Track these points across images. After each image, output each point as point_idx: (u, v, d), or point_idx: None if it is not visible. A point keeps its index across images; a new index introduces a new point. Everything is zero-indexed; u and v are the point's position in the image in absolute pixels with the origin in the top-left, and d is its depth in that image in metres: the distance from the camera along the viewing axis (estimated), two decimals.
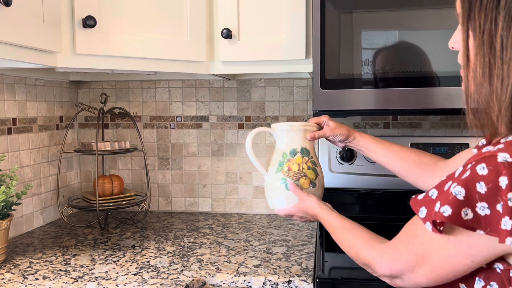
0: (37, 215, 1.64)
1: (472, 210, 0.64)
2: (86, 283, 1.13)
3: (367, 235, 0.88)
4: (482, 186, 0.63)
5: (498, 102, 0.67)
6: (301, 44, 1.40)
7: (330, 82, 1.29)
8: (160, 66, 1.38)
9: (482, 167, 0.64)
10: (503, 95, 0.66)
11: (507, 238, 0.61)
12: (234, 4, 1.42)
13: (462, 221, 0.64)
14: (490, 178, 0.63)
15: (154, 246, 1.42)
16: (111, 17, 1.27)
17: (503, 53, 0.66)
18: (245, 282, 1.16)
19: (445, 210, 0.66)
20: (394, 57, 1.28)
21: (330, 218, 0.98)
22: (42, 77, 1.66)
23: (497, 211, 0.62)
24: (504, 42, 0.66)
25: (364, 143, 1.14)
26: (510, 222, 0.61)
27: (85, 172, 1.93)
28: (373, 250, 0.83)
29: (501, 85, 0.66)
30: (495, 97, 0.67)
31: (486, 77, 0.68)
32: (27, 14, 1.06)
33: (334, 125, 1.14)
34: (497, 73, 0.67)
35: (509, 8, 0.65)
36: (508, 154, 0.63)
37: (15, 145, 1.53)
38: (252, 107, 1.81)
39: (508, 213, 0.61)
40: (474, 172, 0.64)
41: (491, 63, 0.67)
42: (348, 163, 1.61)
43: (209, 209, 1.87)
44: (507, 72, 0.66)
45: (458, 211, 0.65)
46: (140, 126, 1.88)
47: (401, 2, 1.25)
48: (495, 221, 0.62)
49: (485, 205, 0.63)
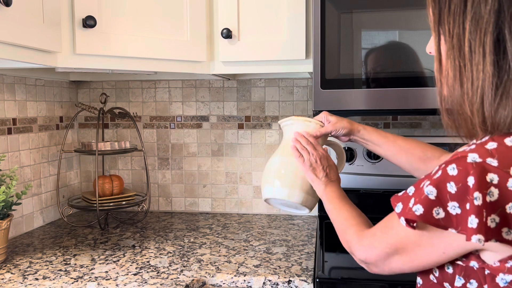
0: (37, 215, 1.64)
1: (444, 209, 0.66)
2: (86, 283, 1.13)
3: (358, 219, 0.90)
4: (453, 186, 0.65)
5: (470, 104, 0.68)
6: (301, 44, 1.40)
7: (330, 82, 1.29)
8: (160, 66, 1.38)
9: (452, 167, 0.66)
10: (474, 97, 0.68)
11: (472, 236, 0.63)
12: (234, 4, 1.42)
13: (433, 220, 0.67)
14: (459, 178, 0.65)
15: (154, 246, 1.42)
16: (111, 17, 1.27)
17: (472, 56, 0.68)
18: (245, 282, 1.16)
19: (417, 209, 0.68)
20: (394, 57, 1.28)
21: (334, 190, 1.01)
22: (42, 77, 1.66)
23: (467, 210, 0.64)
24: (472, 45, 0.67)
25: (368, 136, 1.12)
26: (476, 220, 0.62)
27: (85, 172, 1.93)
28: (355, 234, 0.86)
29: (471, 87, 0.68)
30: (466, 99, 0.69)
31: (457, 80, 0.70)
32: (27, 14, 1.06)
33: (335, 120, 1.12)
34: (467, 76, 0.68)
35: (475, 13, 0.67)
36: (477, 154, 0.65)
37: (15, 145, 1.53)
38: (252, 107, 1.81)
39: (474, 212, 0.63)
40: (445, 172, 0.67)
41: (461, 66, 0.69)
42: (348, 163, 1.61)
43: (209, 209, 1.87)
44: (476, 74, 0.67)
45: (429, 210, 0.67)
46: (140, 126, 1.88)
47: (401, 2, 1.25)
48: (465, 220, 0.64)
49: (456, 204, 0.65)
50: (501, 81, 0.66)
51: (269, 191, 1.11)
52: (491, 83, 0.66)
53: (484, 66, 0.66)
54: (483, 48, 0.66)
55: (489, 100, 0.67)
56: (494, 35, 0.66)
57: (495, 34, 0.66)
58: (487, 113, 0.67)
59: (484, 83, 0.67)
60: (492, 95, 0.66)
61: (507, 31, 0.66)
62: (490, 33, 0.66)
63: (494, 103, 0.67)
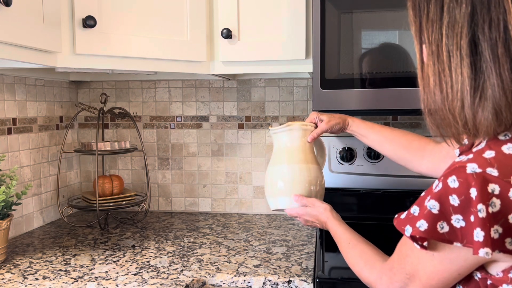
0: (37, 215, 1.64)
1: (448, 223, 0.65)
2: (86, 283, 1.13)
3: (370, 254, 0.90)
4: (455, 199, 0.64)
5: (451, 108, 0.69)
6: (301, 44, 1.40)
7: (330, 82, 1.29)
8: (160, 66, 1.38)
9: (453, 179, 0.65)
10: (454, 101, 0.68)
11: (480, 249, 0.62)
12: (234, 4, 1.42)
13: (438, 234, 0.66)
14: (461, 190, 0.64)
15: (154, 246, 1.42)
16: (111, 17, 1.27)
17: (450, 61, 0.68)
18: (245, 282, 1.16)
19: (421, 224, 0.67)
20: (393, 57, 1.28)
21: (339, 230, 1.01)
22: (42, 77, 1.66)
23: (471, 223, 0.63)
24: (450, 50, 0.68)
25: (356, 128, 1.17)
26: (481, 233, 0.62)
27: (85, 172, 1.93)
28: (374, 271, 0.85)
29: (451, 91, 0.68)
30: (447, 103, 0.69)
31: (437, 85, 0.70)
32: (27, 14, 1.06)
33: (327, 118, 1.17)
34: (446, 80, 0.69)
35: (450, 18, 0.68)
36: (476, 164, 0.65)
37: (15, 145, 1.53)
38: (252, 107, 1.81)
39: (479, 225, 0.62)
40: (446, 185, 0.66)
41: (440, 71, 0.70)
42: (348, 163, 1.61)
43: (209, 209, 1.87)
44: (455, 78, 0.68)
45: (434, 225, 0.66)
46: (140, 126, 1.88)
47: (401, 2, 1.25)
48: (470, 232, 0.63)
49: (459, 217, 0.64)
50: (478, 83, 0.66)
51: (273, 203, 1.16)
52: (469, 86, 0.67)
53: (462, 69, 0.67)
54: (460, 52, 0.67)
55: (468, 103, 0.67)
56: (469, 37, 0.67)
57: (470, 36, 0.67)
58: (468, 116, 0.68)
59: (463, 86, 0.67)
60: (470, 97, 0.67)
61: (480, 33, 0.66)
62: (465, 35, 0.67)
63: (474, 105, 0.67)
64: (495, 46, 0.65)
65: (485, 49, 0.66)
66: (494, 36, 0.65)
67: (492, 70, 0.65)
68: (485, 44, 0.65)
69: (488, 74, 0.65)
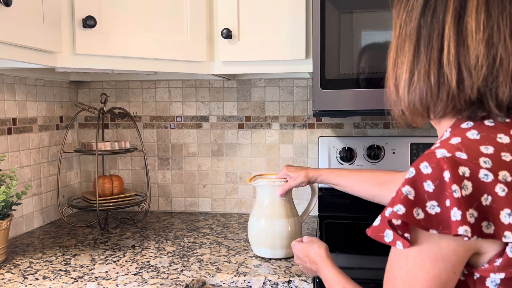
0: (37, 215, 1.64)
1: (423, 210, 0.65)
2: (86, 283, 1.13)
3: None
4: (430, 185, 0.65)
5: (395, 89, 0.77)
6: (301, 44, 1.40)
7: (330, 82, 1.29)
8: (160, 66, 1.38)
9: (425, 165, 0.66)
10: (400, 83, 0.76)
11: (459, 228, 0.61)
12: (234, 4, 1.42)
13: (415, 220, 0.65)
14: (435, 175, 0.64)
15: (154, 246, 1.42)
16: (111, 17, 1.27)
17: (402, 49, 0.76)
18: (245, 282, 1.16)
19: (399, 209, 0.66)
20: None
21: (331, 274, 0.95)
22: (42, 77, 1.66)
23: (447, 207, 0.63)
24: (404, 38, 0.76)
25: (326, 180, 1.23)
26: (459, 212, 0.62)
27: (85, 172, 1.93)
28: None
29: (400, 74, 0.76)
30: (395, 85, 0.77)
31: (392, 72, 0.78)
32: (27, 14, 1.06)
33: (294, 175, 1.25)
34: (398, 64, 0.76)
35: (407, 11, 0.75)
36: (445, 149, 0.66)
37: (15, 145, 1.53)
38: (252, 107, 1.81)
39: (455, 204, 0.62)
40: (419, 171, 0.66)
41: (395, 59, 0.77)
42: (348, 163, 1.61)
43: (209, 209, 1.87)
44: (402, 63, 0.75)
45: (410, 210, 0.65)
46: (140, 126, 1.88)
47: None
48: (446, 218, 0.63)
49: (434, 203, 0.64)
50: (417, 63, 0.73)
51: (257, 251, 1.31)
52: (409, 69, 0.73)
53: (408, 53, 0.74)
54: (409, 39, 0.74)
55: (407, 84, 0.74)
56: (416, 23, 0.73)
57: (417, 22, 0.73)
58: (405, 97, 0.75)
59: (407, 67, 0.74)
60: (408, 78, 0.74)
61: (422, 19, 0.72)
62: (414, 20, 0.74)
63: (409, 86, 0.74)
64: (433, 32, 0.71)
65: (423, 32, 0.72)
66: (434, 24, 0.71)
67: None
68: (426, 29, 0.72)
69: None
